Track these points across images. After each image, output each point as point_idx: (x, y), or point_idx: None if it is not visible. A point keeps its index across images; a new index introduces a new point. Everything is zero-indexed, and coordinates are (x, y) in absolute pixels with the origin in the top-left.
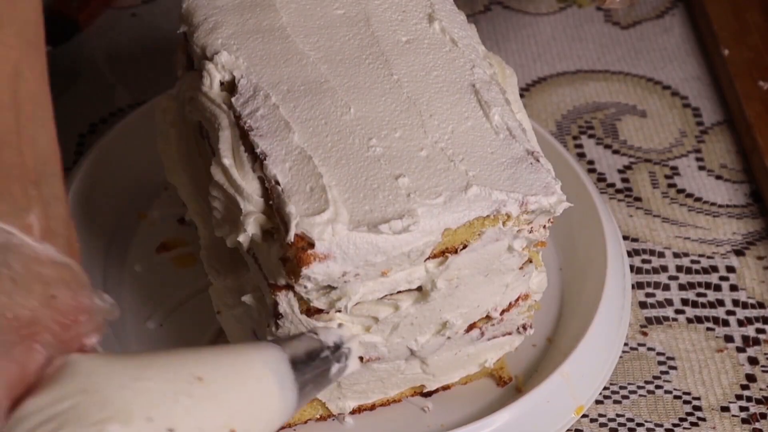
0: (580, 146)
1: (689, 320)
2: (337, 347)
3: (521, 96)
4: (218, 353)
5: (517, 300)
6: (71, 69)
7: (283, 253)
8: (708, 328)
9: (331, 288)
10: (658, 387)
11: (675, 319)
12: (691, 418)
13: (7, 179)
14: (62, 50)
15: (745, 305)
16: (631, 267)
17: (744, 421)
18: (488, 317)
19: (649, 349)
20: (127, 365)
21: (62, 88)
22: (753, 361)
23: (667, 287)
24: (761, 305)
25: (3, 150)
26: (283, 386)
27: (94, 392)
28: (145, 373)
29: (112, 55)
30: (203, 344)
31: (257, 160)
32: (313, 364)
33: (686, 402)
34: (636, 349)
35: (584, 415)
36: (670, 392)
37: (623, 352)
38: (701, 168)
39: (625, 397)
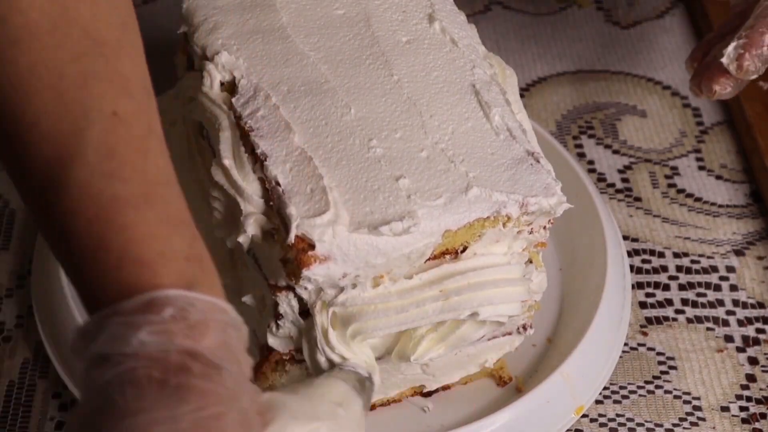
0: (580, 146)
1: (689, 320)
2: (370, 378)
3: (521, 96)
4: (329, 384)
5: None
6: None
7: (284, 254)
8: (708, 328)
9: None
10: (658, 387)
11: (675, 319)
12: (691, 418)
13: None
14: None
15: (745, 305)
16: (631, 267)
17: (744, 421)
18: None
19: (649, 349)
20: (298, 397)
21: None
22: (753, 361)
23: (667, 287)
24: (761, 305)
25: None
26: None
27: (304, 420)
28: (312, 403)
29: None
30: None
31: (258, 161)
32: (364, 395)
33: (686, 402)
34: (636, 349)
35: (584, 415)
36: (670, 392)
37: (623, 352)
38: (701, 168)
39: (625, 397)
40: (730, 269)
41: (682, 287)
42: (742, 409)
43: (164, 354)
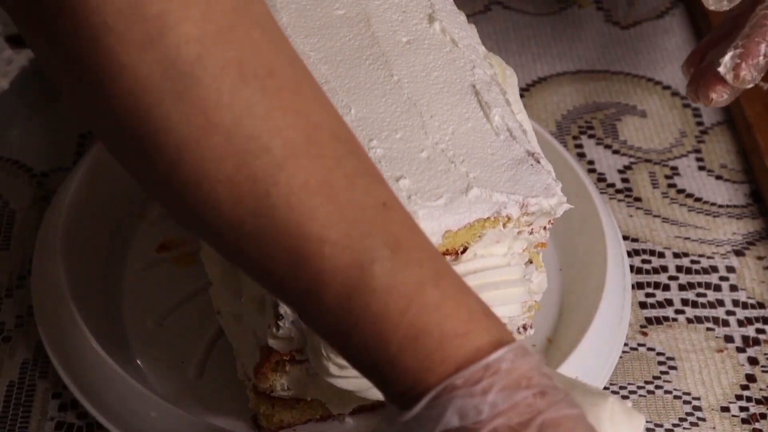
0: (580, 146)
1: (689, 320)
2: None
3: (521, 96)
4: None
5: None
6: None
7: None
8: (708, 328)
9: None
10: (658, 387)
11: (675, 319)
12: (691, 418)
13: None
14: None
15: (745, 305)
16: (631, 267)
17: (744, 421)
18: None
19: (649, 349)
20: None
21: None
22: (753, 361)
23: (667, 287)
24: (761, 305)
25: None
26: None
27: (599, 401)
28: (575, 382)
29: None
30: (203, 344)
31: None
32: None
33: (686, 402)
34: (636, 349)
35: None
36: (670, 392)
37: (623, 352)
38: (701, 168)
39: (625, 397)
40: (730, 269)
41: (682, 287)
42: (742, 409)
43: (514, 405)
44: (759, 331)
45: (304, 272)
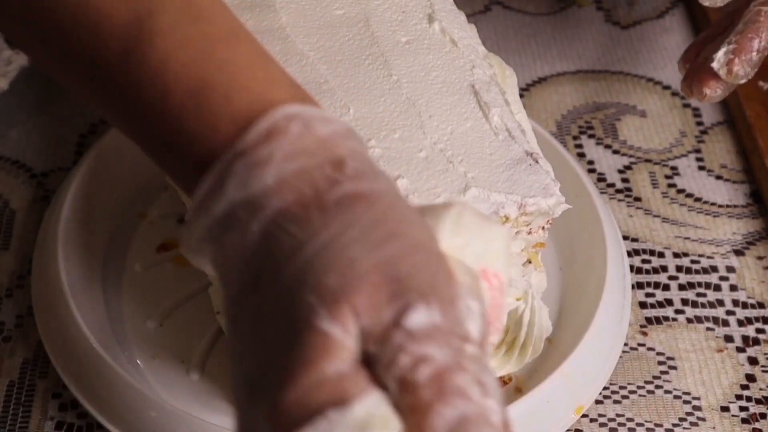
0: (580, 146)
1: (689, 320)
2: None
3: (521, 96)
4: None
5: None
6: None
7: None
8: (708, 328)
9: None
10: (658, 387)
11: (675, 319)
12: (691, 418)
13: None
14: None
15: (745, 305)
16: (631, 267)
17: (744, 421)
18: None
19: (649, 349)
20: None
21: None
22: (753, 361)
23: (667, 287)
24: (761, 305)
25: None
26: None
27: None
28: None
29: None
30: (203, 344)
31: None
32: None
33: (686, 402)
34: (636, 349)
35: (584, 415)
36: (670, 392)
37: (623, 352)
38: (701, 168)
39: (625, 397)
40: (730, 269)
41: (682, 287)
42: (742, 409)
43: (307, 174)
44: (759, 331)
45: (85, 33)
